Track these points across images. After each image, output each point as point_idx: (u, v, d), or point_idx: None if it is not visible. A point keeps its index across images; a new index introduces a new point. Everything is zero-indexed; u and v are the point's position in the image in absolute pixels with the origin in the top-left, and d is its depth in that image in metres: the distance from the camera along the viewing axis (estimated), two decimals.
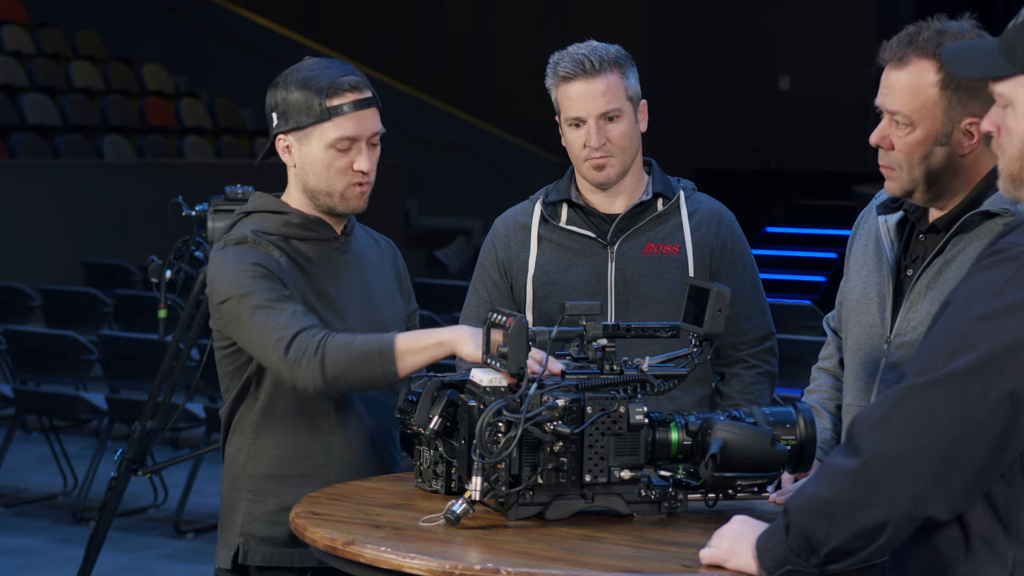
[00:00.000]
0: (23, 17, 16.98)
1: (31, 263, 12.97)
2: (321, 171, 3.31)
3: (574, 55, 3.65)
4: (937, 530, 2.39)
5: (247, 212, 3.39)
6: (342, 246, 3.40)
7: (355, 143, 3.30)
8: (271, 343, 3.12)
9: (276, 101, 3.33)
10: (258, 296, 3.17)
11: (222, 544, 3.39)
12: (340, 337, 3.09)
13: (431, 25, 19.96)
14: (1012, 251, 2.33)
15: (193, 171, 15.14)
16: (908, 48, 3.01)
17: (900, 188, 3.09)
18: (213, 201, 4.72)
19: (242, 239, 3.29)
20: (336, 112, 3.28)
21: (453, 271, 16.27)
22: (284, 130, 3.33)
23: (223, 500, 3.42)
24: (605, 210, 3.74)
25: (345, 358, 3.07)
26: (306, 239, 3.35)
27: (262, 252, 3.26)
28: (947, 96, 3.00)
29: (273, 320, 3.14)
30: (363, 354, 3.06)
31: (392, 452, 3.46)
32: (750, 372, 3.77)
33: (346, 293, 3.37)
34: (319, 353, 3.07)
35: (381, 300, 3.45)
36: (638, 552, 2.69)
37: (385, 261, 3.54)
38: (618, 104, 3.64)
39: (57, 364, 8.40)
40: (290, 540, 3.28)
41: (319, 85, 3.28)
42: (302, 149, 3.32)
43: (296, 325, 3.12)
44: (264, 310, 3.15)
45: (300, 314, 3.15)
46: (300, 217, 3.36)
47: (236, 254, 3.25)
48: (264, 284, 3.18)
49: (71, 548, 7.25)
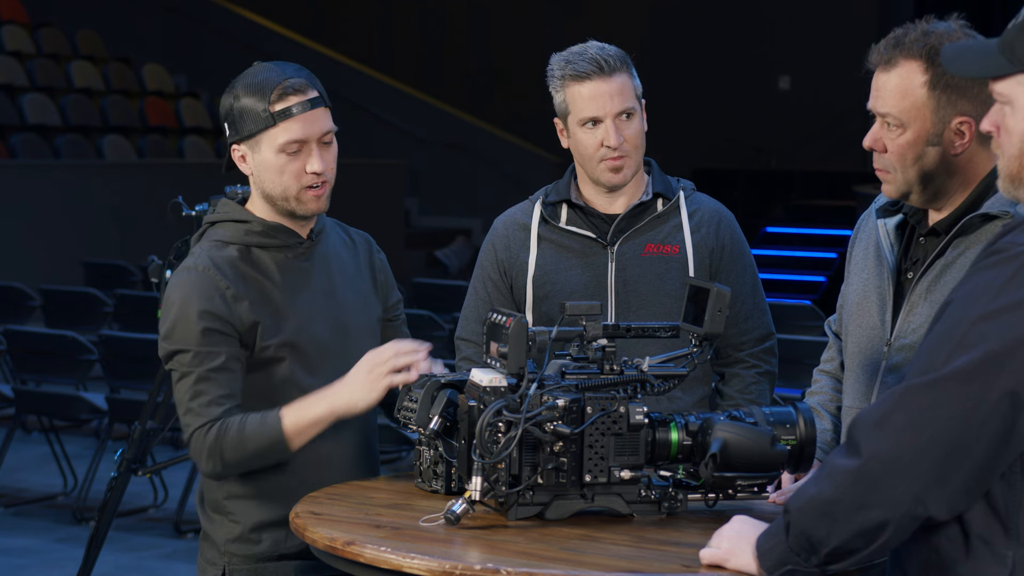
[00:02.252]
0: (23, 17, 16.98)
1: (31, 263, 12.96)
2: (275, 176, 3.28)
3: (585, 54, 3.63)
4: (937, 530, 2.39)
5: (212, 221, 3.39)
6: (305, 252, 3.36)
7: (305, 145, 3.27)
8: (184, 425, 3.23)
9: (226, 110, 3.32)
10: (188, 363, 3.22)
11: (206, 559, 3.38)
12: (231, 434, 3.16)
13: (431, 25, 19.96)
14: (1011, 251, 2.33)
15: (193, 171, 15.14)
16: (895, 50, 3.03)
17: (896, 190, 3.10)
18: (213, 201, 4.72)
19: (194, 265, 3.27)
20: (282, 116, 3.25)
21: (453, 271, 16.27)
22: (236, 139, 3.31)
23: (200, 518, 3.41)
24: (605, 210, 3.74)
25: (239, 454, 3.17)
26: (267, 247, 3.33)
27: (210, 287, 3.23)
28: (936, 96, 3.00)
29: (187, 402, 3.22)
30: (256, 450, 3.17)
31: (373, 463, 3.45)
32: (750, 372, 3.77)
33: (307, 303, 3.33)
34: (215, 454, 3.17)
35: (350, 304, 3.41)
36: (638, 552, 2.69)
37: (359, 259, 3.49)
38: (632, 103, 3.65)
39: (57, 364, 8.40)
40: (272, 554, 3.30)
41: (263, 90, 3.25)
42: (255, 157, 3.30)
43: (204, 415, 3.19)
44: (187, 383, 3.22)
45: (216, 400, 3.20)
46: (261, 225, 3.33)
47: (186, 291, 3.24)
48: (198, 348, 3.21)
49: (71, 548, 7.26)
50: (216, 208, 3.42)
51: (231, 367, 3.23)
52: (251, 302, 3.25)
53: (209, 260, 3.27)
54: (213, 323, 3.22)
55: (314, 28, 19.49)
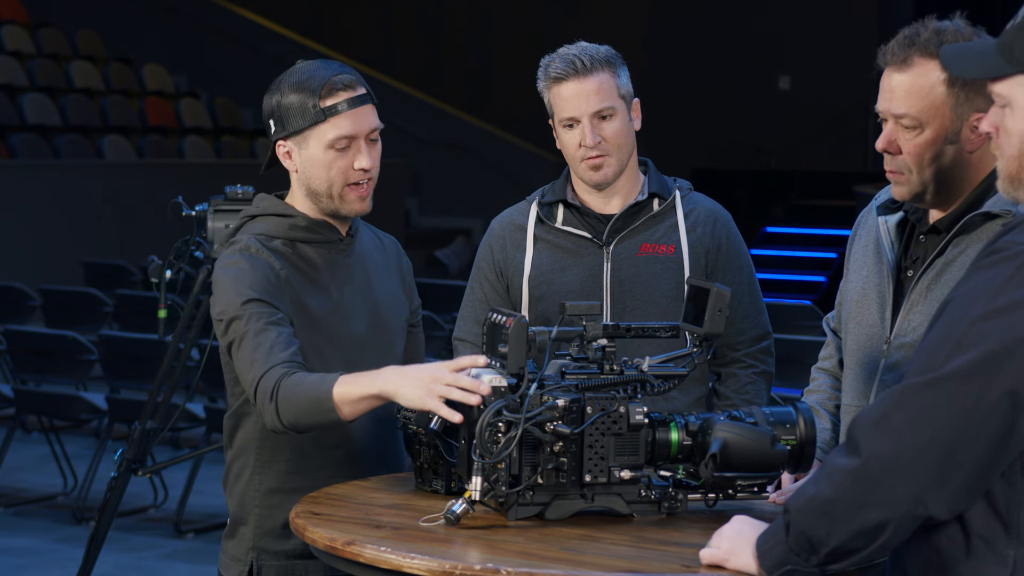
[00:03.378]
0: (23, 17, 16.98)
1: (31, 263, 12.97)
2: (322, 173, 3.31)
3: (564, 56, 3.66)
4: (937, 530, 2.39)
5: (252, 215, 3.40)
6: (346, 248, 3.40)
7: (353, 141, 3.30)
8: (247, 382, 3.16)
9: (272, 107, 3.33)
10: (245, 323, 3.17)
11: (231, 556, 3.38)
12: (289, 383, 3.08)
13: (431, 25, 19.96)
14: (1011, 250, 2.33)
15: (193, 171, 15.14)
16: (910, 49, 3.00)
17: (910, 192, 3.07)
18: (213, 201, 4.73)
19: (245, 247, 3.29)
20: (331, 112, 3.27)
21: (453, 271, 16.26)
22: (283, 136, 3.32)
23: (231, 514, 3.41)
24: (601, 210, 3.75)
25: (294, 406, 3.07)
26: (311, 242, 3.35)
27: (262, 263, 3.25)
28: (954, 93, 2.98)
29: (249, 356, 3.15)
30: (308, 402, 3.06)
31: (398, 456, 3.47)
32: (747, 372, 3.77)
33: (350, 297, 3.37)
34: (273, 401, 3.09)
35: (385, 301, 3.45)
36: (638, 552, 2.69)
37: (389, 260, 3.54)
38: (611, 102, 3.65)
39: (57, 364, 8.40)
40: (303, 551, 3.28)
41: (312, 87, 3.27)
42: (302, 153, 3.32)
43: (266, 363, 3.12)
44: (248, 340, 3.16)
45: (279, 346, 3.14)
46: (305, 220, 3.36)
47: (237, 269, 3.24)
48: (254, 309, 3.18)
49: (71, 548, 7.26)
50: (254, 203, 3.42)
51: (288, 328, 3.19)
52: (300, 291, 3.27)
53: (259, 244, 3.29)
54: (265, 295, 3.21)
55: (314, 28, 19.49)
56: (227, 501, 3.43)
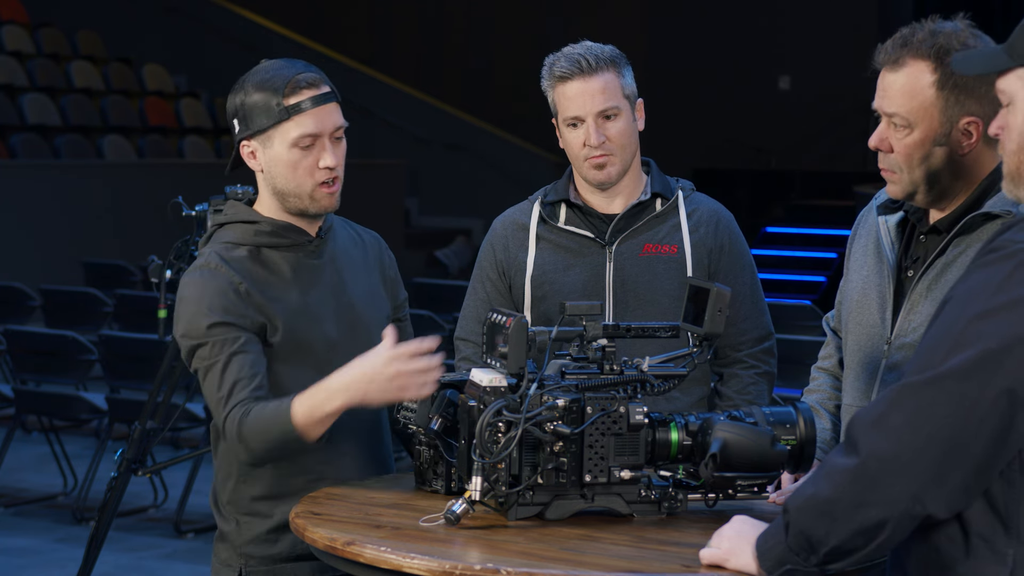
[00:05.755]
0: (23, 17, 16.99)
1: (31, 263, 12.97)
2: (287, 172, 3.29)
3: (569, 55, 3.66)
4: (937, 529, 2.39)
5: (221, 223, 3.39)
6: (315, 250, 3.37)
7: (318, 139, 3.27)
8: (217, 419, 3.21)
9: (236, 106, 3.31)
10: (210, 351, 3.20)
11: (221, 561, 3.38)
12: (250, 421, 3.13)
13: (430, 25, 19.96)
14: (1010, 248, 2.33)
15: (193, 171, 15.14)
16: (903, 50, 3.01)
17: (902, 191, 3.09)
18: (213, 201, 4.71)
19: (206, 263, 3.28)
20: (295, 110, 3.25)
21: (453, 271, 16.27)
22: (247, 135, 3.31)
23: (217, 521, 3.41)
24: (603, 210, 3.75)
25: (263, 442, 3.14)
26: (278, 247, 3.33)
27: (222, 279, 3.24)
28: (944, 96, 2.99)
29: (215, 393, 3.19)
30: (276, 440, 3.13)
31: (385, 458, 3.45)
32: (749, 372, 3.77)
33: (319, 300, 3.34)
34: (243, 442, 3.15)
35: (361, 300, 3.42)
36: (638, 552, 2.69)
37: (368, 256, 3.50)
38: (616, 102, 3.65)
39: (57, 364, 8.40)
40: (290, 555, 3.29)
41: (276, 85, 3.26)
42: (267, 152, 3.30)
43: (231, 401, 3.16)
44: (213, 374, 3.19)
45: (243, 381, 3.18)
46: (271, 225, 3.33)
47: (198, 288, 3.24)
48: (218, 336, 3.20)
49: (71, 548, 7.26)
50: (223, 210, 3.42)
51: (252, 350, 3.22)
52: (263, 300, 3.26)
53: (219, 258, 3.28)
54: (227, 316, 3.21)
55: (314, 28, 19.49)
56: (211, 509, 3.43)
